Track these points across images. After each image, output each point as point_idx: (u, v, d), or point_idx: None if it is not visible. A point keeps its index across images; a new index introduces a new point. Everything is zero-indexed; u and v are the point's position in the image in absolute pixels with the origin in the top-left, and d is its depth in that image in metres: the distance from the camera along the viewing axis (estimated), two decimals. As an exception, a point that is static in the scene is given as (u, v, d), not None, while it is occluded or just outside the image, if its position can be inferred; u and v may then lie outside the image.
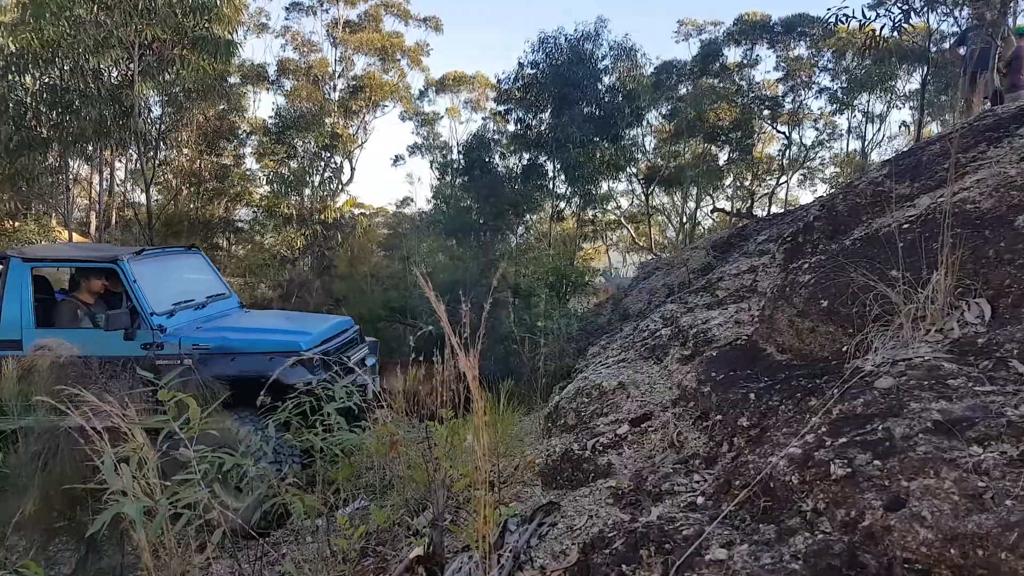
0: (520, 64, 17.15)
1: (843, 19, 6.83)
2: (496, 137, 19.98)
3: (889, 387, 1.90)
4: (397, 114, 27.21)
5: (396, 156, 30.80)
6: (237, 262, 19.13)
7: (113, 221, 21.50)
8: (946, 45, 13.85)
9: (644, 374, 4.17)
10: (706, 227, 24.10)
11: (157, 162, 19.02)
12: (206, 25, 9.63)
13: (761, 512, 1.89)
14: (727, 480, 2.16)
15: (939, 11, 8.30)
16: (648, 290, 8.93)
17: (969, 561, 1.34)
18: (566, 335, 10.70)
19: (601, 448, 3.17)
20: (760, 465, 2.00)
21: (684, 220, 25.33)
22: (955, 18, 10.08)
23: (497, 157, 19.15)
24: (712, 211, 24.91)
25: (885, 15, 7.16)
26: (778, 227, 4.68)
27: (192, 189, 20.55)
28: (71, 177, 16.03)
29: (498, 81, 18.80)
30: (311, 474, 3.84)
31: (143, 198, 21.38)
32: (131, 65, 9.68)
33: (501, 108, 18.91)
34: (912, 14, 7.27)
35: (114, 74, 10.29)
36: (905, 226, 2.71)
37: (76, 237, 15.13)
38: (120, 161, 19.76)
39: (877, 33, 7.34)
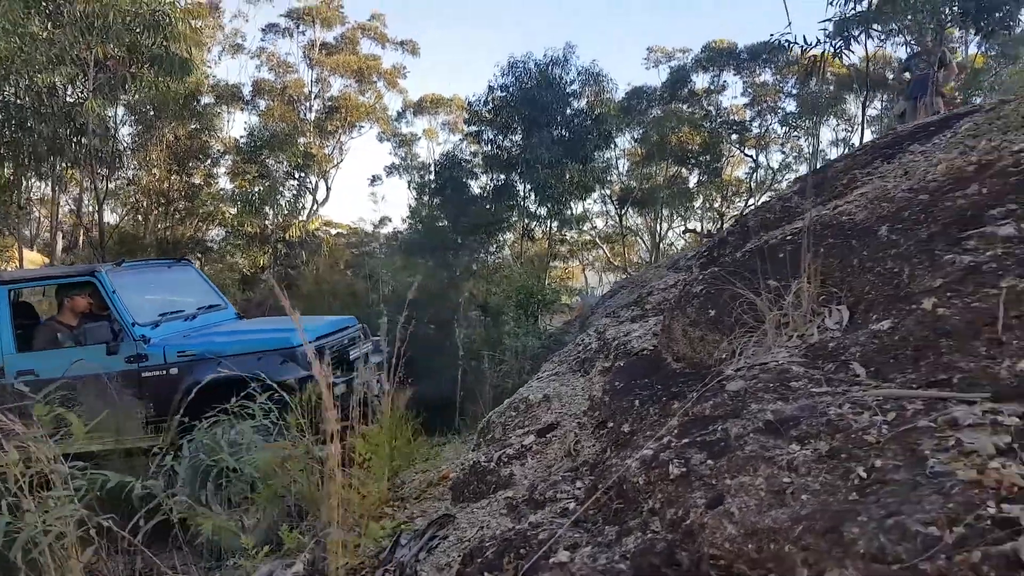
0: (491, 87, 17.39)
1: (786, 44, 7.00)
2: (469, 158, 20.15)
3: (738, 390, 1.95)
4: (375, 135, 27.37)
5: (373, 176, 30.87)
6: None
7: (80, 242, 21.33)
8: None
9: (569, 387, 4.20)
10: (678, 247, 24.37)
11: (125, 181, 18.91)
12: (163, 43, 9.65)
13: (613, 514, 1.92)
14: (595, 485, 2.19)
15: (877, 39, 8.52)
16: (613, 308, 9.01)
17: (762, 555, 1.37)
18: (527, 353, 10.73)
19: (506, 459, 3.18)
20: (619, 467, 2.03)
21: (657, 240, 25.58)
22: (908, 44, 10.35)
23: (469, 177, 19.30)
24: (684, 232, 25.25)
25: (827, 42, 7.34)
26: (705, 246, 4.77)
27: (161, 209, 20.45)
28: (35, 198, 15.90)
29: (469, 103, 18.99)
30: (231, 495, 3.81)
31: (111, 218, 21.25)
32: (85, 82, 9.68)
33: (472, 129, 19.09)
34: (852, 41, 7.47)
35: (69, 92, 10.28)
36: (787, 238, 2.78)
37: (34, 257, 14.98)
38: (86, 182, 19.68)
39: (820, 58, 7.53)
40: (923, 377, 1.68)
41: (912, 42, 8.60)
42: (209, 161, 20.77)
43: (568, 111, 17.19)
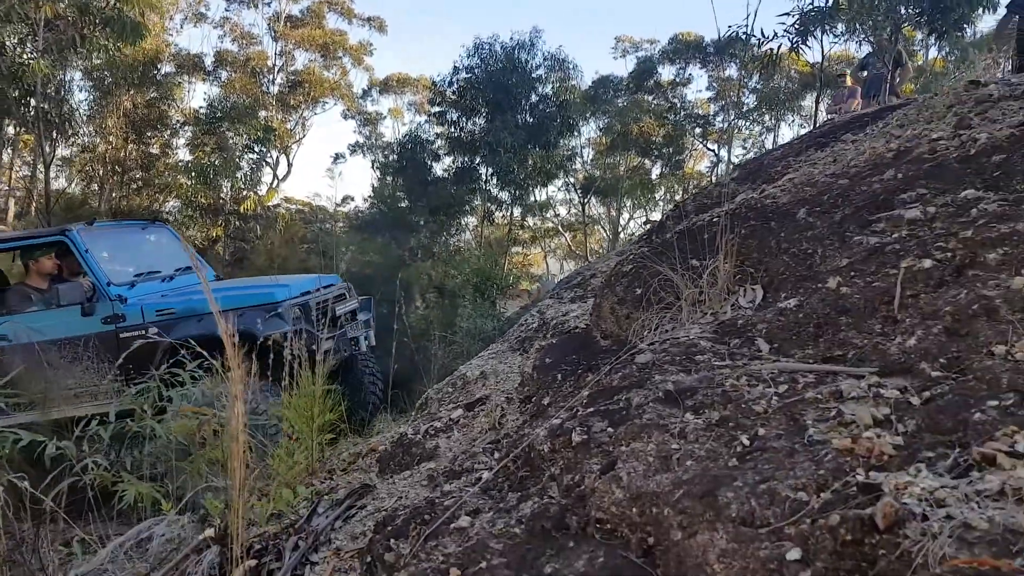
0: (456, 68, 17.22)
1: (743, 36, 7.06)
2: (431, 139, 19.98)
3: (646, 362, 1.96)
4: (339, 112, 26.95)
5: (337, 154, 30.39)
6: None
7: (32, 208, 20.64)
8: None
9: (507, 364, 4.21)
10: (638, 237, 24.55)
11: (80, 148, 18.32)
12: (116, 5, 9.31)
13: (518, 482, 1.92)
14: (507, 454, 2.19)
15: (834, 36, 8.65)
16: (558, 290, 9.04)
17: (644, 520, 1.38)
18: (480, 334, 10.72)
19: (433, 432, 3.17)
20: (529, 436, 2.03)
21: (618, 230, 25.74)
22: (866, 42, 10.52)
23: (432, 159, 19.15)
24: (644, 223, 25.40)
25: (783, 36, 7.42)
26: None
27: (117, 178, 19.87)
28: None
29: (434, 83, 18.78)
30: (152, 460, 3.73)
31: (65, 185, 20.59)
32: (35, 42, 9.30)
33: (436, 109, 18.89)
34: (809, 36, 7.56)
35: (18, 51, 9.86)
36: (714, 220, 2.80)
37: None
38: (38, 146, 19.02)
39: (775, 52, 7.61)
40: (820, 353, 1.71)
41: (870, 40, 8.74)
42: (168, 131, 20.22)
43: (533, 96, 17.11)
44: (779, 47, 7.70)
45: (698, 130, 23.46)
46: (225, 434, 2.92)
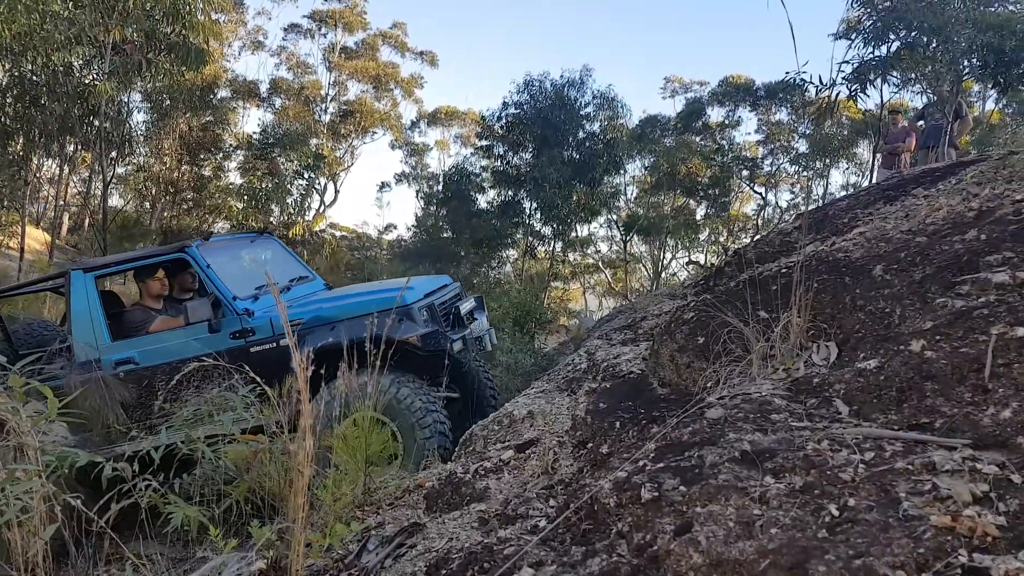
0: (505, 103, 17.46)
1: (801, 83, 7.02)
2: (478, 172, 20.22)
3: (717, 418, 1.91)
4: (387, 142, 27.54)
5: (383, 183, 30.96)
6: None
7: (86, 224, 21.35)
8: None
9: (555, 405, 4.17)
10: (680, 278, 24.35)
11: (135, 167, 18.97)
12: (181, 32, 9.70)
13: (581, 535, 1.88)
14: (567, 503, 2.15)
15: (893, 85, 8.54)
16: (606, 331, 8.97)
17: (726, 586, 1.33)
18: (518, 369, 10.67)
19: (483, 472, 3.14)
20: (592, 488, 1.99)
21: (659, 269, 25.56)
22: (926, 93, 10.39)
23: (477, 191, 19.36)
24: (687, 263, 25.20)
25: (842, 83, 7.36)
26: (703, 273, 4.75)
27: (169, 197, 20.48)
28: (44, 176, 15.96)
29: (483, 117, 19.06)
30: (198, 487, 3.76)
31: (119, 202, 21.29)
32: (101, 64, 9.71)
33: (484, 143, 19.15)
34: (868, 84, 7.48)
35: (84, 72, 10.30)
36: (783, 271, 2.74)
37: (37, 235, 15.00)
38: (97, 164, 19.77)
39: (833, 100, 7.55)
40: (905, 419, 1.65)
41: (928, 91, 8.61)
42: (220, 154, 20.84)
43: (580, 133, 17.25)
44: (837, 94, 7.63)
45: (745, 172, 23.29)
46: (291, 466, 2.93)
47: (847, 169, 22.78)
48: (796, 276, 2.20)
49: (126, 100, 12.61)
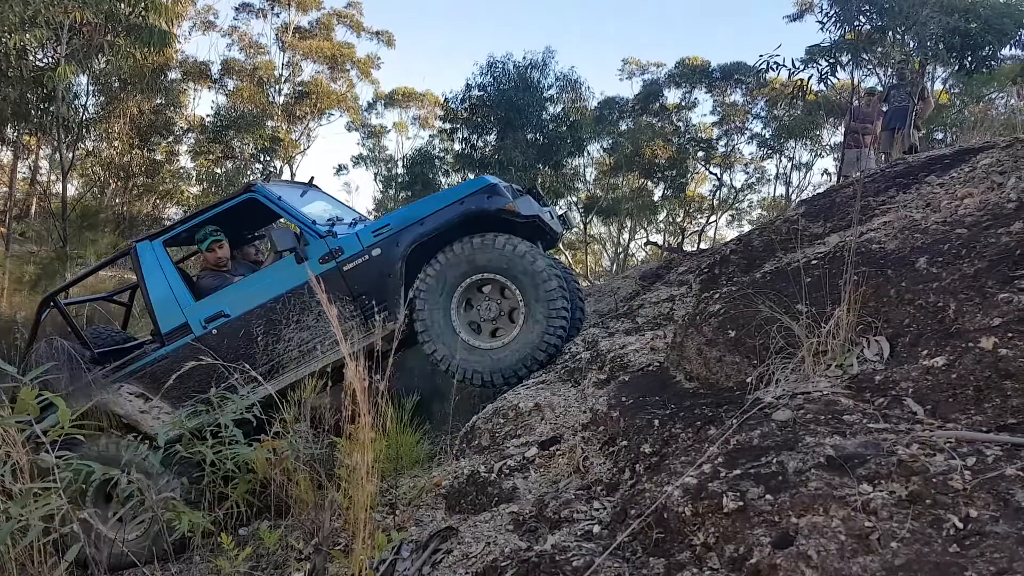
0: (468, 85, 17.18)
1: (774, 67, 7.05)
2: (441, 155, 19.95)
3: (786, 420, 1.88)
4: (343, 124, 26.87)
5: (340, 165, 30.36)
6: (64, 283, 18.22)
7: (33, 211, 20.40)
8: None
9: (561, 396, 4.10)
10: (639, 258, 24.60)
11: (84, 152, 18.16)
12: (142, 13, 9.22)
13: (653, 544, 1.83)
14: (624, 509, 2.10)
15: (864, 68, 8.68)
16: (604, 320, 8.95)
17: (849, 602, 1.30)
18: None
19: (508, 471, 3.07)
20: (656, 494, 1.94)
21: (619, 250, 25.74)
22: (878, 76, 10.58)
23: (440, 174, 19.12)
24: (645, 243, 25.48)
25: (813, 67, 7.42)
26: (699, 261, 4.73)
27: (120, 183, 19.67)
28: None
29: (445, 100, 18.77)
30: (200, 489, 3.61)
31: (68, 189, 20.37)
32: (58, 48, 9.17)
33: (447, 126, 18.87)
34: (839, 68, 7.57)
35: (40, 56, 9.74)
36: (813, 262, 2.73)
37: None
38: (44, 150, 18.81)
39: (805, 83, 7.62)
40: (989, 420, 1.64)
41: (892, 74, 8.76)
42: (172, 138, 20.07)
43: (544, 115, 17.12)
44: (809, 77, 7.71)
45: (701, 153, 23.55)
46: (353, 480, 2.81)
47: (814, 150, 23.20)
48: (847, 272, 2.17)
49: (77, 83, 11.96)
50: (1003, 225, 2.25)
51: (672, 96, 23.68)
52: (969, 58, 7.65)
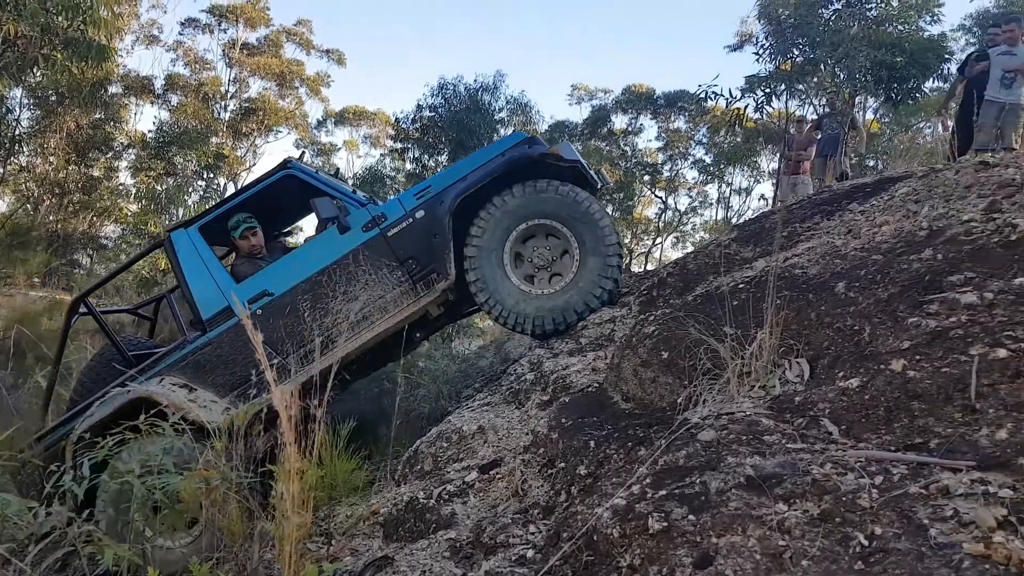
0: (419, 105, 17.23)
1: (712, 96, 7.30)
2: (392, 173, 19.91)
3: (710, 440, 1.93)
4: (292, 141, 26.64)
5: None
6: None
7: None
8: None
9: (505, 418, 4.11)
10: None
11: (16, 168, 17.52)
12: (80, 27, 8.97)
13: (583, 567, 1.85)
14: (557, 532, 2.12)
15: (798, 97, 9.04)
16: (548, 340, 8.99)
17: (762, 620, 1.34)
18: (444, 377, 10.55)
19: (447, 496, 3.06)
20: (587, 517, 1.96)
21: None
22: (813, 105, 11.02)
23: (391, 193, 19.05)
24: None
25: (750, 96, 7.69)
26: (640, 283, 4.82)
27: (55, 200, 19.01)
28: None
29: (397, 119, 18.76)
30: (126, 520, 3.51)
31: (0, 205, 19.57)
32: (-8, 60, 8.86)
33: (399, 145, 18.85)
34: (773, 97, 7.86)
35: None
36: (740, 286, 2.82)
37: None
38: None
39: (742, 111, 7.88)
40: (898, 439, 1.71)
41: (824, 103, 9.14)
42: (112, 153, 19.53)
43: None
44: (746, 107, 7.98)
45: (647, 177, 24.10)
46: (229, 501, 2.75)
47: (752, 176, 23.98)
48: (770, 295, 2.25)
49: (11, 96, 11.54)
50: (915, 252, 2.37)
51: (619, 121, 24.28)
52: (895, 89, 8.03)
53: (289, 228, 5.86)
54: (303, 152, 5.31)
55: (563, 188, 4.43)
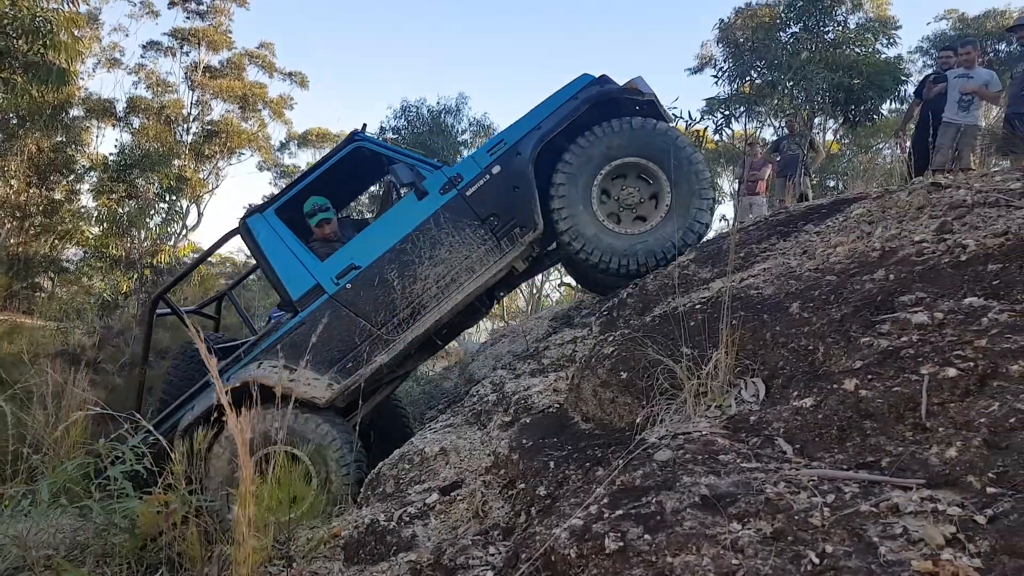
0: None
1: (675, 118, 7.44)
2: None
3: (667, 460, 1.93)
4: (255, 163, 26.45)
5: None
6: (59, 304, 17.20)
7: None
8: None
9: (467, 440, 4.08)
10: (554, 299, 24.95)
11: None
12: (40, 50, 8.80)
13: (541, 589, 1.83)
14: (516, 553, 2.09)
15: (757, 119, 9.25)
16: (494, 356, 8.97)
17: (715, 641, 1.33)
18: (408, 398, 10.46)
19: (408, 519, 3.02)
20: (546, 537, 1.95)
21: (534, 291, 26.05)
22: (773, 127, 11.27)
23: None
24: (559, 285, 25.89)
25: (710, 118, 7.85)
26: (600, 304, 4.86)
27: (15, 223, 18.54)
28: None
29: (360, 141, 18.76)
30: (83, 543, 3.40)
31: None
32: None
33: (362, 167, 18.85)
34: (733, 119, 8.03)
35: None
36: (697, 306, 2.85)
37: None
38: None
39: (702, 133, 8.04)
40: (851, 457, 1.73)
41: (783, 125, 9.36)
42: (73, 176, 19.15)
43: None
44: (706, 128, 8.13)
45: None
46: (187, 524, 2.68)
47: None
48: (724, 316, 2.28)
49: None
50: (868, 272, 2.42)
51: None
52: (853, 111, 8.26)
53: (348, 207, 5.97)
54: (365, 124, 5.32)
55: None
